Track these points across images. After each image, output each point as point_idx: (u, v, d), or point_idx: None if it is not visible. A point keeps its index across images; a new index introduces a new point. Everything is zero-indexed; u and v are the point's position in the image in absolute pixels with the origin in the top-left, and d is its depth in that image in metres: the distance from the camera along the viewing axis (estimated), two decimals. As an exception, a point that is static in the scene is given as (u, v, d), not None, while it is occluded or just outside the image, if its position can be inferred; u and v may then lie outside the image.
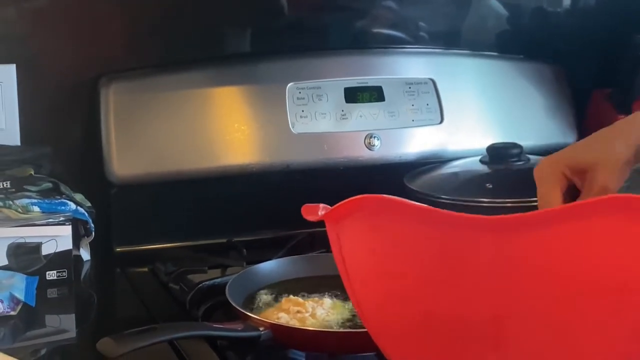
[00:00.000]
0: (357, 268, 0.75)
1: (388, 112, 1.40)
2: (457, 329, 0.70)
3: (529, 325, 0.68)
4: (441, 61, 1.47)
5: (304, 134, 1.36)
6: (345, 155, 1.37)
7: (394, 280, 0.72)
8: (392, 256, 0.72)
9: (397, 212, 0.71)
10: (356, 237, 0.74)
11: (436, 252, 0.69)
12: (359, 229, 0.74)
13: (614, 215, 0.64)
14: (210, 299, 1.14)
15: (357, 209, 0.73)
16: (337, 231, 0.76)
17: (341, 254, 0.76)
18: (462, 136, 1.44)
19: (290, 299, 1.04)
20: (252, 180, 1.35)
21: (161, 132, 1.32)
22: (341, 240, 0.76)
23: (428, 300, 0.71)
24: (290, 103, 1.35)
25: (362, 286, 0.76)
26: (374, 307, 0.76)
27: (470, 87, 1.48)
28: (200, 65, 1.36)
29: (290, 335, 0.95)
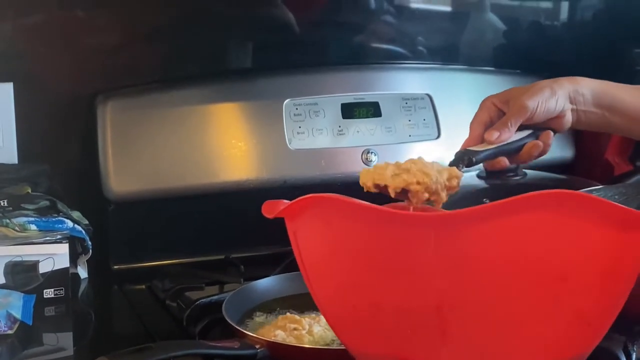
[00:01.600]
0: (312, 262, 0.81)
1: (385, 128, 1.40)
2: (404, 319, 0.75)
3: (471, 315, 0.73)
4: (438, 76, 1.47)
5: (301, 149, 1.36)
6: (342, 171, 1.37)
7: (344, 274, 0.77)
8: (342, 251, 0.76)
9: (347, 211, 0.75)
10: (311, 233, 0.80)
11: (382, 248, 0.74)
12: (313, 226, 0.79)
13: (546, 209, 0.69)
14: (208, 316, 1.14)
15: (311, 207, 0.78)
16: (295, 228, 0.81)
17: (298, 249, 0.81)
18: (459, 151, 1.44)
19: (287, 316, 1.04)
20: (250, 196, 1.35)
21: (158, 148, 1.32)
22: (298, 236, 0.81)
23: (376, 292, 0.75)
24: (287, 119, 1.36)
25: (317, 279, 0.81)
26: (329, 299, 0.81)
27: (467, 102, 1.47)
28: (198, 82, 1.36)
29: (287, 353, 0.95)
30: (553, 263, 0.71)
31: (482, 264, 0.71)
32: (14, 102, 1.31)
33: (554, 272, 0.71)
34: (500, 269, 0.71)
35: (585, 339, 0.76)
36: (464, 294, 0.73)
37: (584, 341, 0.76)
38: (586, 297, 0.73)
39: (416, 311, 0.74)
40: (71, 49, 1.34)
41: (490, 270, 0.71)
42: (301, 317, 1.04)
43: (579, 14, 1.62)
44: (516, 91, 1.03)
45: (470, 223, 0.71)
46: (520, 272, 0.71)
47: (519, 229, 0.70)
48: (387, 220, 0.74)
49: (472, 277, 0.72)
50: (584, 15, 1.62)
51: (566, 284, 0.72)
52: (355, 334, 0.80)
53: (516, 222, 0.70)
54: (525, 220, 0.70)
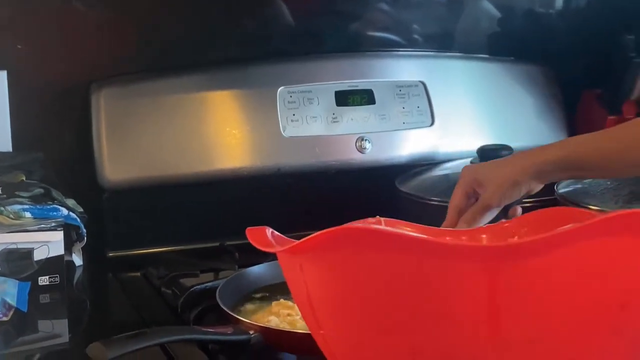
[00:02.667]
0: (325, 302, 0.69)
1: (379, 115, 1.40)
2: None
3: (527, 355, 0.65)
4: (431, 64, 1.48)
5: (295, 137, 1.36)
6: (336, 158, 1.38)
7: (374, 316, 0.66)
8: (372, 289, 0.66)
9: (381, 242, 0.64)
10: (328, 269, 0.67)
11: (425, 284, 0.64)
12: (331, 260, 0.67)
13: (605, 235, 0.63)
14: (202, 302, 1.14)
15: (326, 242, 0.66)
16: (301, 262, 0.70)
17: (305, 287, 0.70)
18: (453, 138, 1.44)
19: (281, 302, 1.05)
20: (244, 183, 1.35)
21: (153, 136, 1.32)
22: (305, 272, 0.69)
23: (413, 335, 0.66)
24: (281, 107, 1.36)
25: (332, 322, 0.70)
26: (345, 345, 0.70)
27: (460, 89, 1.48)
28: (192, 70, 1.36)
29: (280, 338, 0.95)
30: (613, 292, 0.65)
31: (542, 298, 0.63)
32: (7, 91, 1.31)
33: (614, 301, 0.65)
34: (561, 304, 0.64)
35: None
36: (521, 333, 0.64)
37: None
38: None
39: (464, 355, 0.65)
40: (65, 37, 1.34)
41: (549, 306, 0.64)
42: (294, 303, 1.04)
43: (573, 1, 1.63)
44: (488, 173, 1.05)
45: (533, 254, 0.62)
46: (584, 304, 0.64)
47: (579, 258, 0.63)
48: (432, 252, 0.63)
49: (531, 314, 0.64)
50: (578, 3, 1.62)
51: (627, 313, 0.65)
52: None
53: (583, 249, 0.63)
54: (593, 246, 0.63)
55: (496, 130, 1.48)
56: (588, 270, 0.64)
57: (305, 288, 0.70)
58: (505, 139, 1.42)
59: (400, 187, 1.36)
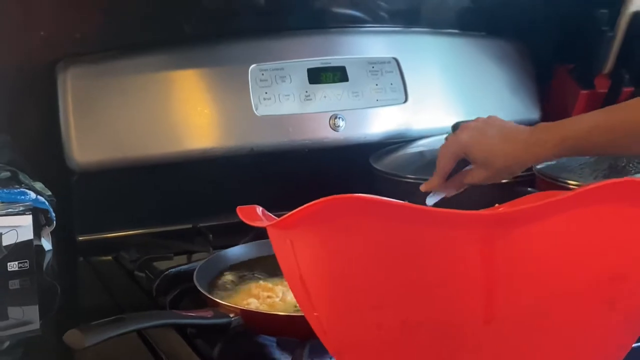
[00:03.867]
0: (318, 278, 0.67)
1: (352, 93, 1.38)
2: (441, 338, 0.64)
3: (521, 327, 0.64)
4: (404, 40, 1.46)
5: (268, 116, 1.34)
6: (310, 137, 1.36)
7: (367, 288, 0.64)
8: (365, 261, 0.63)
9: (373, 211, 0.62)
10: (318, 242, 0.65)
11: (415, 254, 0.62)
12: (321, 233, 0.64)
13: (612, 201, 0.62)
14: (177, 286, 1.11)
15: (320, 212, 0.64)
16: (291, 238, 0.67)
17: (295, 262, 0.68)
18: (427, 115, 1.43)
19: (260, 284, 1.03)
20: (217, 164, 1.33)
21: (122, 117, 1.29)
22: (296, 247, 0.67)
23: (409, 307, 0.64)
24: (253, 85, 1.33)
25: (324, 297, 0.68)
26: (338, 321, 0.68)
27: (433, 65, 1.46)
28: (161, 48, 1.33)
29: (261, 321, 0.94)
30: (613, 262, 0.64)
31: (537, 268, 0.62)
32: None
33: (610, 271, 0.64)
34: (556, 273, 0.63)
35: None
36: (516, 302, 0.63)
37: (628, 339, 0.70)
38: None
39: (458, 326, 0.64)
40: (29, 16, 1.30)
41: (544, 275, 0.62)
42: (274, 285, 1.03)
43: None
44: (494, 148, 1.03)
45: (528, 221, 0.61)
46: (578, 274, 0.63)
47: (580, 226, 0.62)
48: (426, 220, 0.61)
49: (526, 283, 0.63)
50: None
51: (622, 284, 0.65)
52: (375, 358, 0.68)
53: (577, 218, 0.62)
54: (587, 215, 0.62)
55: (469, 106, 1.47)
56: (581, 239, 0.63)
57: (296, 264, 0.68)
58: (479, 114, 1.40)
59: (375, 165, 1.35)
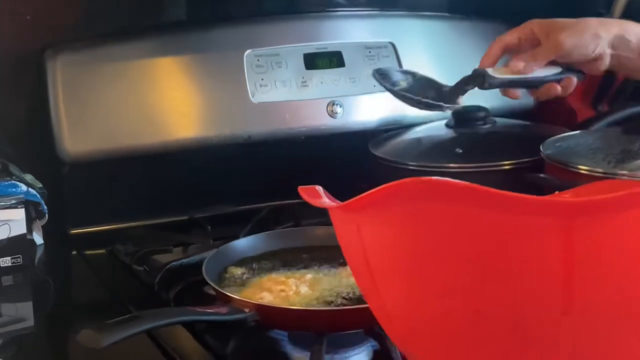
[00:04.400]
0: (385, 262, 0.65)
1: (349, 78, 1.35)
2: (516, 330, 0.62)
3: (601, 321, 0.61)
4: (400, 24, 1.43)
5: (265, 103, 1.30)
6: (307, 124, 1.32)
7: (436, 276, 0.62)
8: (437, 247, 0.61)
9: (448, 196, 0.59)
10: (388, 227, 0.63)
11: (490, 240, 0.59)
12: (392, 218, 0.62)
13: None
14: (180, 280, 1.08)
15: (389, 196, 0.61)
16: (358, 221, 0.65)
17: (362, 247, 0.65)
18: (424, 100, 1.40)
19: (272, 278, 0.99)
20: (213, 153, 1.29)
21: (114, 105, 1.24)
22: (363, 232, 0.65)
23: (479, 296, 0.61)
24: (249, 71, 1.30)
25: (391, 283, 0.66)
26: (406, 308, 0.66)
27: (429, 49, 1.44)
28: (153, 34, 1.29)
29: (277, 315, 0.90)
30: None
31: (620, 259, 0.59)
32: (-45, 60, 1.22)
33: None
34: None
35: None
36: (596, 295, 0.60)
37: None
38: None
39: (534, 318, 0.61)
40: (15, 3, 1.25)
41: (629, 266, 0.59)
42: (286, 277, 0.99)
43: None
44: (560, 24, 0.99)
45: (615, 211, 0.57)
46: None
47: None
48: (505, 206, 0.58)
49: (607, 274, 0.60)
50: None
51: None
52: (443, 352, 0.66)
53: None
54: None
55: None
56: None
57: (362, 249, 0.65)
58: (475, 99, 1.38)
59: (374, 151, 1.32)
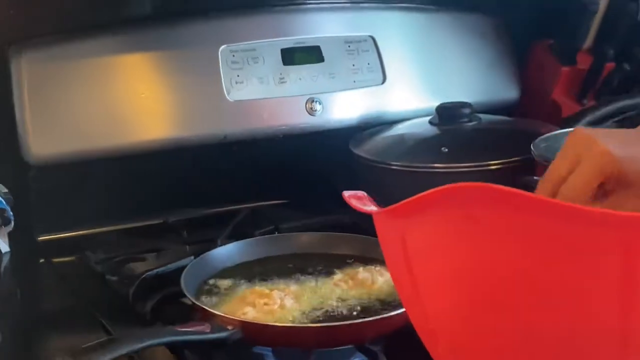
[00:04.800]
0: (432, 274, 0.61)
1: (328, 74, 1.30)
2: (570, 350, 0.58)
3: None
4: (380, 17, 1.37)
5: (241, 101, 1.24)
6: (285, 123, 1.27)
7: (488, 287, 0.59)
8: (488, 258, 0.58)
9: (502, 204, 0.56)
10: (436, 236, 0.60)
11: (550, 254, 0.56)
12: (440, 226, 0.59)
13: None
14: (157, 291, 1.03)
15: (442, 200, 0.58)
16: (402, 229, 0.61)
17: (406, 255, 0.62)
18: (406, 96, 1.36)
19: (255, 290, 0.94)
20: (187, 154, 1.23)
21: (82, 104, 1.18)
22: (407, 240, 0.61)
23: (532, 311, 0.57)
24: (224, 68, 1.24)
25: (438, 295, 0.62)
26: (451, 322, 0.62)
27: (410, 43, 1.39)
28: (124, 29, 1.22)
29: (263, 332, 0.85)
30: None
31: None
32: None
33: None
34: None
35: None
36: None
37: None
38: None
39: (589, 339, 0.57)
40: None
41: None
42: (270, 289, 0.94)
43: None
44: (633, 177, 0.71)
45: None
46: None
47: None
48: (563, 216, 0.54)
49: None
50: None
51: None
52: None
53: None
54: None
55: (449, 85, 1.39)
56: None
57: (405, 257, 0.62)
58: (459, 95, 1.36)
59: (356, 150, 1.27)
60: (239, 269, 1.02)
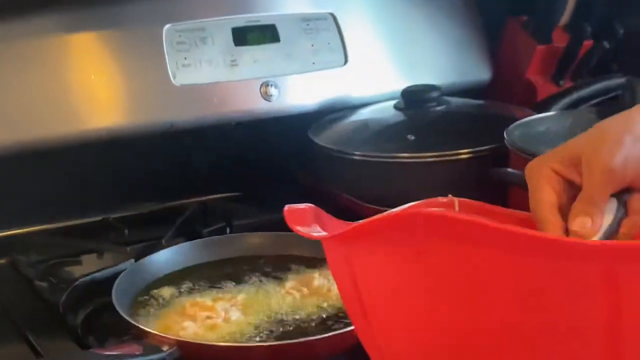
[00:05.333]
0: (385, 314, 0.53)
1: (285, 55, 1.19)
2: None
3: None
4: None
5: (189, 85, 1.13)
6: (238, 109, 1.17)
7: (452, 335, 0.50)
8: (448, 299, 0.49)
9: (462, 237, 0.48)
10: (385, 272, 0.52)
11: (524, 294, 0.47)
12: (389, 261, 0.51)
13: None
14: (90, 300, 0.93)
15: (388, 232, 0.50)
16: (347, 254, 0.54)
17: (353, 282, 0.54)
18: (370, 78, 1.26)
19: (196, 302, 0.84)
20: (129, 145, 1.13)
21: (12, 91, 1.07)
22: (355, 267, 0.53)
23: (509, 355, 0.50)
24: (169, 49, 1.13)
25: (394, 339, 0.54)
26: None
27: (374, 21, 1.29)
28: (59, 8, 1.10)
29: (202, 353, 0.75)
30: None
31: None
32: None
33: None
34: None
35: None
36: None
37: None
38: None
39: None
40: None
41: None
42: (213, 301, 0.84)
43: None
44: (583, 145, 0.70)
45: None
46: None
47: None
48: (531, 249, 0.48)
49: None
50: None
51: None
52: None
53: None
54: None
55: (415, 67, 1.30)
56: None
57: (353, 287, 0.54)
58: (426, 77, 1.28)
59: (315, 139, 1.17)
60: (182, 275, 0.93)
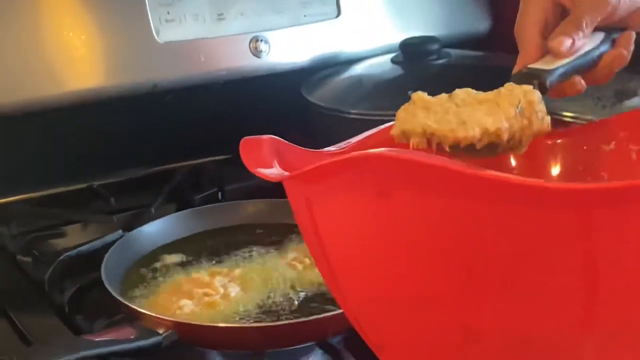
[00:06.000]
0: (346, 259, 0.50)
1: (274, 8, 1.13)
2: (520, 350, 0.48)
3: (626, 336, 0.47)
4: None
5: (173, 42, 1.07)
6: (226, 67, 1.10)
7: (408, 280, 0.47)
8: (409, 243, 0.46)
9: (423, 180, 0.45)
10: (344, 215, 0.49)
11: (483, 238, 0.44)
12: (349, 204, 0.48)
13: None
14: (77, 275, 0.88)
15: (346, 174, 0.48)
16: (308, 195, 0.51)
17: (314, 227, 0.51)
18: (365, 31, 1.21)
19: (192, 279, 0.78)
20: (111, 107, 1.06)
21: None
22: (315, 208, 0.50)
23: (473, 309, 0.47)
24: (151, 3, 1.06)
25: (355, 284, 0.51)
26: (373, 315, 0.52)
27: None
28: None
29: (200, 334, 0.70)
30: None
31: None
32: None
33: None
34: None
35: None
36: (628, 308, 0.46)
37: None
38: None
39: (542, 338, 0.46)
40: None
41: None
42: (210, 277, 0.78)
43: None
44: None
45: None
46: None
47: None
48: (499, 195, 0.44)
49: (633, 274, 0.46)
50: None
51: None
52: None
53: None
54: None
55: (413, 18, 1.24)
56: None
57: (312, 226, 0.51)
58: (424, 28, 1.22)
59: (308, 96, 1.11)
60: (175, 247, 0.87)
